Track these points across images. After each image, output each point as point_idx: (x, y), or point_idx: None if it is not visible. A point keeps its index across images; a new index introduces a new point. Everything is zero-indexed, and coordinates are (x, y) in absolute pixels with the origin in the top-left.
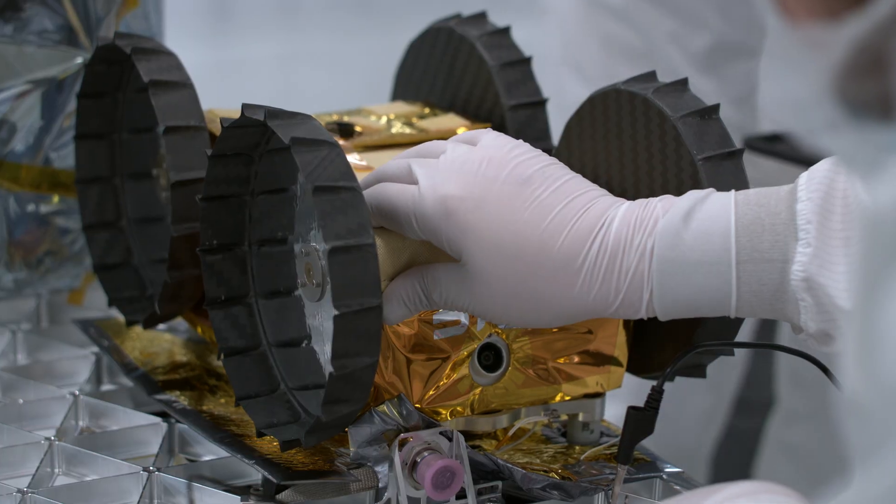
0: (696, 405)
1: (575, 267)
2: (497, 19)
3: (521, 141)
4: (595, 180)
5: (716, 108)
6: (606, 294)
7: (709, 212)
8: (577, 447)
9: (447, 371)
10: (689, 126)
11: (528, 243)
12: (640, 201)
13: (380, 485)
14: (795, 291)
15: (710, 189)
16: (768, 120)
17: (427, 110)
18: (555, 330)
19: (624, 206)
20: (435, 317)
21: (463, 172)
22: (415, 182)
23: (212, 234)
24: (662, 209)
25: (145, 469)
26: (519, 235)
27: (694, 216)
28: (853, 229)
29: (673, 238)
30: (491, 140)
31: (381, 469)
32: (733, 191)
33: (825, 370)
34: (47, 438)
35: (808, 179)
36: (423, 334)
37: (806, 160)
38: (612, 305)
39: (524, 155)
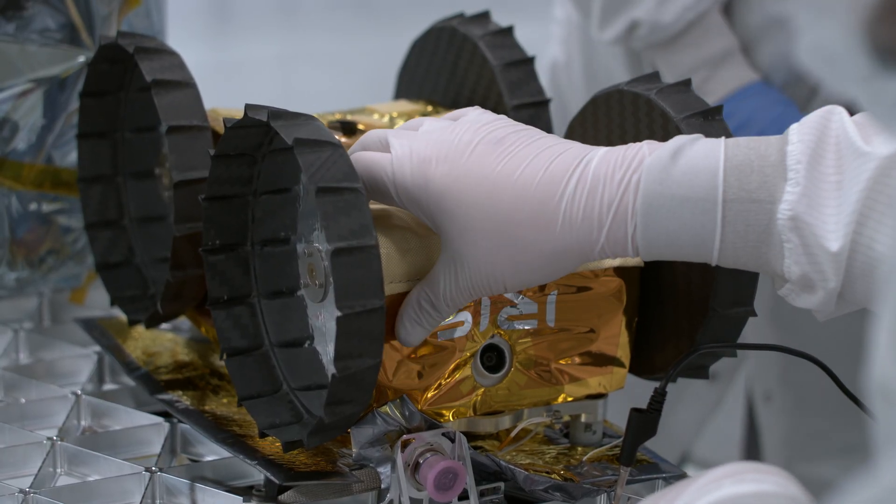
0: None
1: (553, 204)
2: (500, 19)
3: (504, 116)
4: None
5: (719, 109)
6: (589, 230)
7: (698, 151)
8: (580, 448)
9: (449, 372)
10: (693, 127)
11: (504, 192)
12: (621, 146)
13: (382, 486)
14: (781, 232)
15: (699, 134)
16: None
17: (430, 109)
18: (556, 331)
19: (604, 149)
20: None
21: (439, 140)
22: (388, 149)
23: (214, 234)
24: (649, 149)
25: (147, 469)
26: (495, 187)
27: (682, 154)
28: (845, 174)
29: (660, 173)
30: (473, 114)
31: (384, 470)
32: (723, 136)
33: (826, 370)
34: (49, 438)
35: (800, 125)
36: (426, 335)
37: None
38: (597, 243)
39: (502, 122)
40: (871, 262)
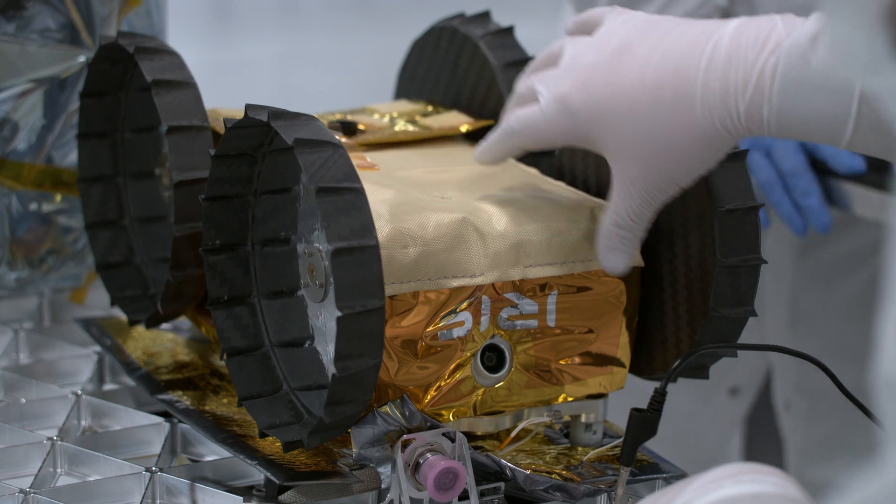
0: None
1: (690, 95)
2: (500, 18)
3: (635, 15)
4: None
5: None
6: (729, 112)
7: None
8: (580, 448)
9: (450, 372)
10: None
11: (640, 103)
12: (756, 17)
13: (382, 486)
14: None
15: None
16: None
17: (430, 108)
18: (557, 331)
19: (734, 22)
20: (441, 320)
21: (576, 68)
22: (537, 99)
23: (215, 234)
24: (785, 29)
25: (148, 469)
26: (631, 101)
27: (822, 41)
28: None
29: (799, 59)
30: (606, 26)
31: (384, 470)
32: None
33: (826, 371)
34: (49, 438)
35: None
36: (427, 336)
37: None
38: (737, 122)
39: (628, 24)
40: None
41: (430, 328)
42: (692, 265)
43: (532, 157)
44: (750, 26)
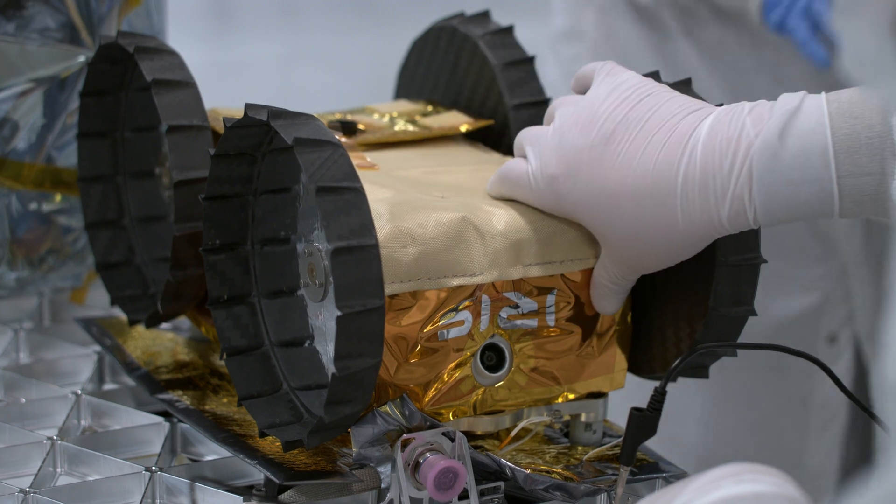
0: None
1: (669, 204)
2: (500, 18)
3: (622, 80)
4: None
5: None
6: (710, 220)
7: (804, 128)
8: (580, 448)
9: (449, 371)
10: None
11: (622, 200)
12: (725, 114)
13: (382, 485)
14: None
15: (802, 93)
16: None
17: (430, 108)
18: (556, 330)
19: (707, 125)
20: (441, 320)
21: (562, 149)
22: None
23: (214, 234)
24: (753, 128)
25: (147, 469)
26: (613, 196)
27: (789, 133)
28: None
29: (771, 160)
30: (592, 94)
31: (384, 470)
32: (824, 97)
33: (827, 370)
34: (49, 438)
35: None
36: (426, 335)
37: None
38: (720, 227)
39: (614, 104)
40: None
41: (430, 327)
42: (692, 264)
43: None
44: (720, 129)
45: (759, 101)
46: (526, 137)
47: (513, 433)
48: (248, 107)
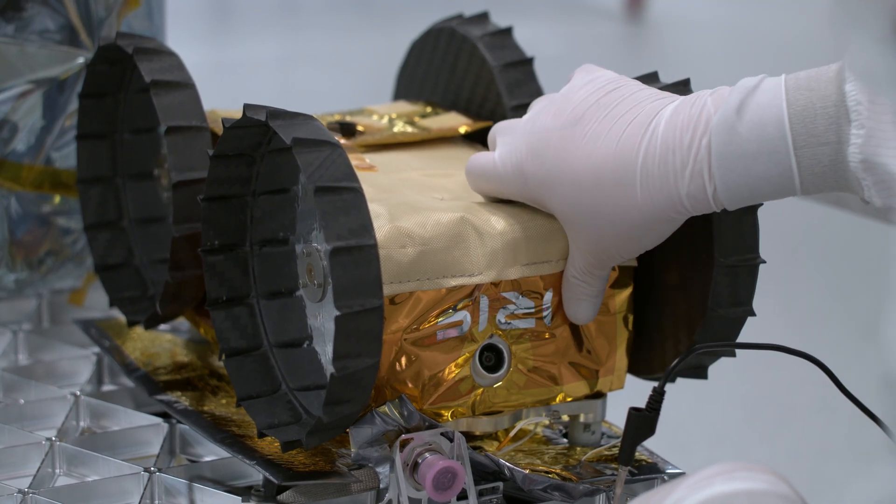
0: None
1: (629, 181)
2: (499, 19)
3: (598, 75)
4: None
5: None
6: (670, 197)
7: (760, 102)
8: (579, 448)
9: (448, 372)
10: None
11: (584, 178)
12: (689, 98)
13: (381, 486)
14: (855, 171)
15: (763, 75)
16: None
17: (429, 109)
18: (555, 330)
19: (671, 106)
20: (440, 320)
21: (533, 132)
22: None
23: (213, 235)
24: (713, 105)
25: (146, 470)
26: (575, 175)
27: (746, 109)
28: None
29: (728, 133)
30: (568, 87)
31: (382, 470)
32: (783, 76)
33: (826, 371)
34: (48, 439)
35: None
36: (425, 335)
37: None
38: (681, 206)
39: (589, 89)
40: None
41: (428, 328)
42: (691, 264)
43: None
44: (683, 109)
45: (720, 87)
46: (499, 128)
47: (511, 433)
48: (246, 107)
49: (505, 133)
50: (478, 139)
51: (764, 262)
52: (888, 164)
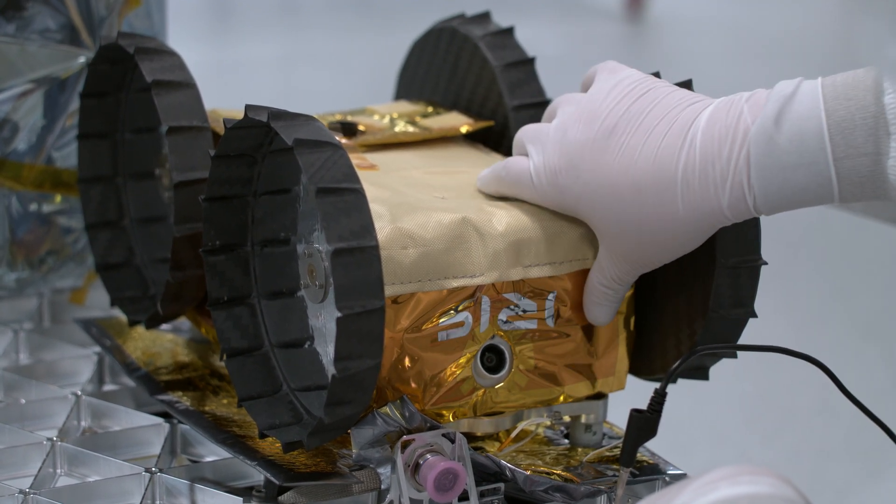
0: None
1: (670, 193)
2: (501, 19)
3: (623, 77)
4: None
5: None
6: (711, 209)
7: (799, 112)
8: (580, 449)
9: (450, 373)
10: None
11: (624, 192)
12: (724, 104)
13: (382, 487)
14: (894, 184)
15: (800, 79)
16: None
17: (430, 109)
18: (556, 331)
19: (706, 114)
20: (441, 321)
21: (565, 143)
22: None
23: (214, 235)
24: (750, 115)
25: (147, 470)
26: (615, 188)
27: (785, 119)
28: None
29: (767, 144)
30: (594, 90)
31: (384, 471)
32: (820, 81)
33: (827, 372)
34: (49, 439)
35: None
36: (426, 336)
37: None
38: (721, 215)
39: (616, 99)
40: None
41: (430, 328)
42: (692, 265)
43: None
44: (719, 117)
45: (756, 90)
46: (527, 135)
47: (513, 434)
48: (248, 108)
49: (534, 141)
50: (479, 139)
51: (765, 263)
52: None
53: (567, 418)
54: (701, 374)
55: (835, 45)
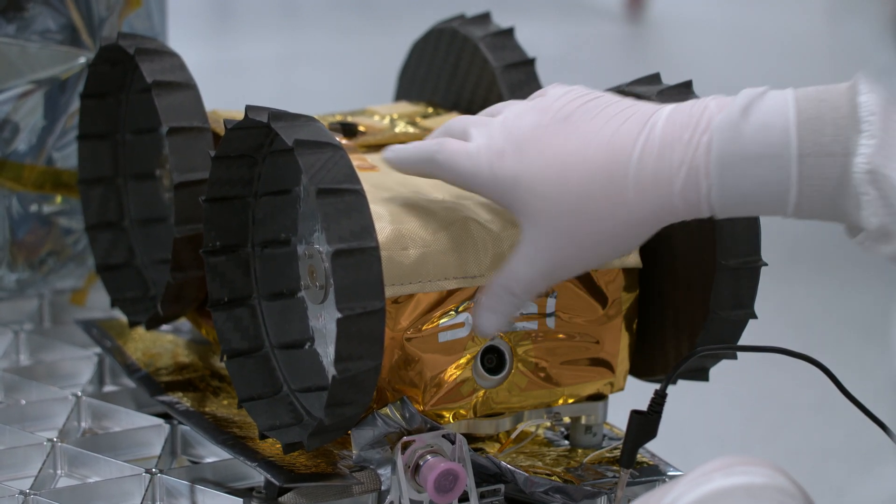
0: None
1: (622, 173)
2: (501, 20)
3: (575, 87)
4: None
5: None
6: (662, 194)
7: (768, 105)
8: (580, 450)
9: (450, 374)
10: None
11: (573, 169)
12: (689, 102)
13: (382, 488)
14: (858, 185)
15: (767, 86)
16: None
17: (430, 110)
18: (557, 333)
19: (669, 107)
20: (441, 321)
21: (512, 127)
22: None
23: (215, 236)
24: (717, 107)
25: (148, 471)
26: (564, 166)
27: (753, 110)
28: None
29: (731, 131)
30: (549, 91)
31: (384, 472)
32: (791, 88)
33: (827, 372)
34: (49, 440)
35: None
36: (426, 337)
37: None
38: (670, 205)
39: (572, 95)
40: None
41: (430, 329)
42: (692, 266)
43: None
44: (683, 109)
45: (720, 95)
46: (469, 119)
47: (513, 436)
48: (248, 109)
49: (478, 125)
50: None
51: (766, 264)
52: (893, 178)
53: (567, 419)
54: (701, 375)
55: (834, 46)
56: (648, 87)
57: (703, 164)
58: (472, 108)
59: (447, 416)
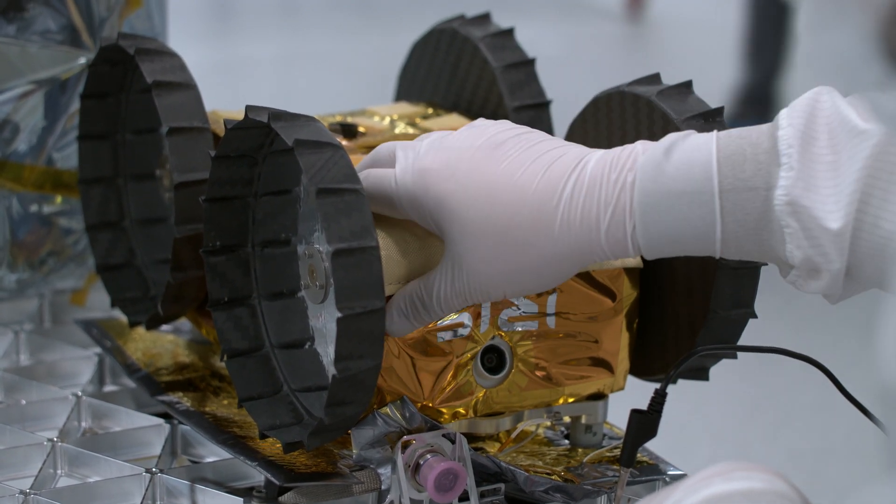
0: None
1: (551, 206)
2: (501, 20)
3: (506, 121)
4: None
5: (720, 110)
6: (588, 231)
7: (690, 144)
8: (580, 450)
9: (450, 373)
10: (693, 128)
11: (503, 194)
12: (618, 147)
13: (382, 487)
14: (780, 218)
15: (691, 130)
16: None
17: (430, 111)
18: (557, 332)
19: (600, 151)
20: (441, 322)
21: (441, 148)
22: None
23: (215, 236)
24: (643, 148)
25: (148, 470)
26: (494, 189)
27: (675, 149)
28: (841, 154)
29: (654, 170)
30: (479, 122)
31: (384, 471)
32: (714, 131)
33: (827, 373)
34: (50, 439)
35: (790, 109)
36: (427, 337)
37: None
38: (596, 243)
39: (503, 126)
40: (879, 241)
41: (430, 329)
42: (693, 266)
43: None
44: (613, 152)
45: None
46: (397, 143)
47: (513, 435)
48: (248, 109)
49: (405, 147)
50: None
51: (766, 263)
52: (814, 209)
53: (567, 419)
54: (701, 374)
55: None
56: (648, 87)
57: (628, 203)
58: (471, 108)
59: (447, 415)
